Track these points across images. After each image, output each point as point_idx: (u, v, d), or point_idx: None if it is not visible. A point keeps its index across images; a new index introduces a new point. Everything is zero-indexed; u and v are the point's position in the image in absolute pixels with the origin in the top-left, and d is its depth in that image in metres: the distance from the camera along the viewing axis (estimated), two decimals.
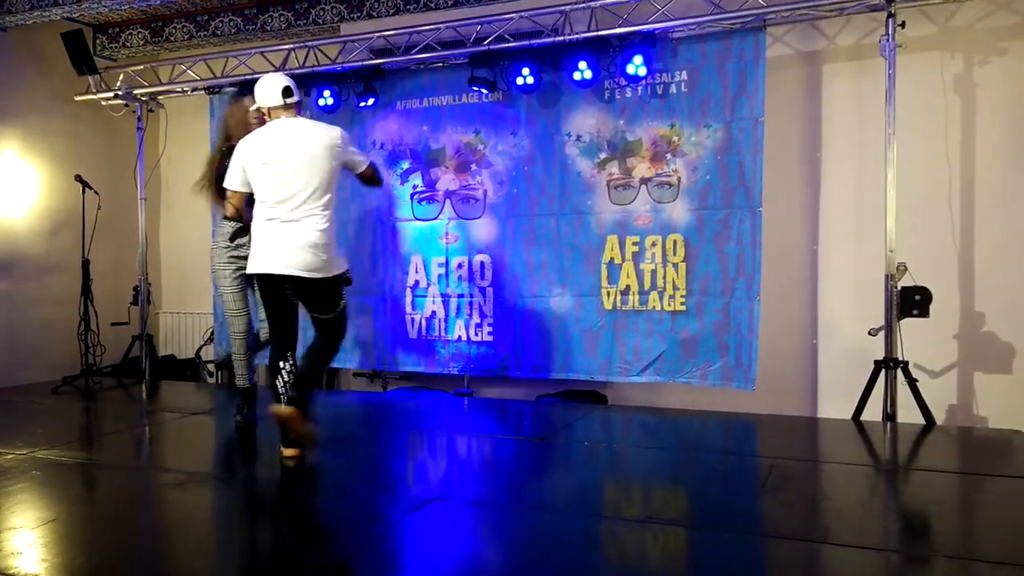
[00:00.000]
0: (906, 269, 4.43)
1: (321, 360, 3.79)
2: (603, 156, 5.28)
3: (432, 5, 5.74)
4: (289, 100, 3.59)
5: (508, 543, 2.76)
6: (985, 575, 2.39)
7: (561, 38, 5.13)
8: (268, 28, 6.30)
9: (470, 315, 5.66)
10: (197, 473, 3.52)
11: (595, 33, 5.06)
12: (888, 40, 4.46)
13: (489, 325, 5.61)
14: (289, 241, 3.45)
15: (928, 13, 4.87)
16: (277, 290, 3.53)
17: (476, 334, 5.65)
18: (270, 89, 3.60)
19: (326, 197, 3.51)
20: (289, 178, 3.45)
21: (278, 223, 3.48)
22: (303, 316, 3.66)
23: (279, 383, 3.51)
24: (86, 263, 5.98)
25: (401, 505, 3.12)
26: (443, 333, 5.74)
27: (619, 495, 3.37)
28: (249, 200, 3.65)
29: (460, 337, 5.70)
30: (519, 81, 5.24)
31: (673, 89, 5.10)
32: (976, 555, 2.59)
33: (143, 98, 6.47)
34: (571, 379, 5.45)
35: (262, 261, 3.48)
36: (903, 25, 4.48)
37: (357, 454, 4.00)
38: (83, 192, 5.96)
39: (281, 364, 3.53)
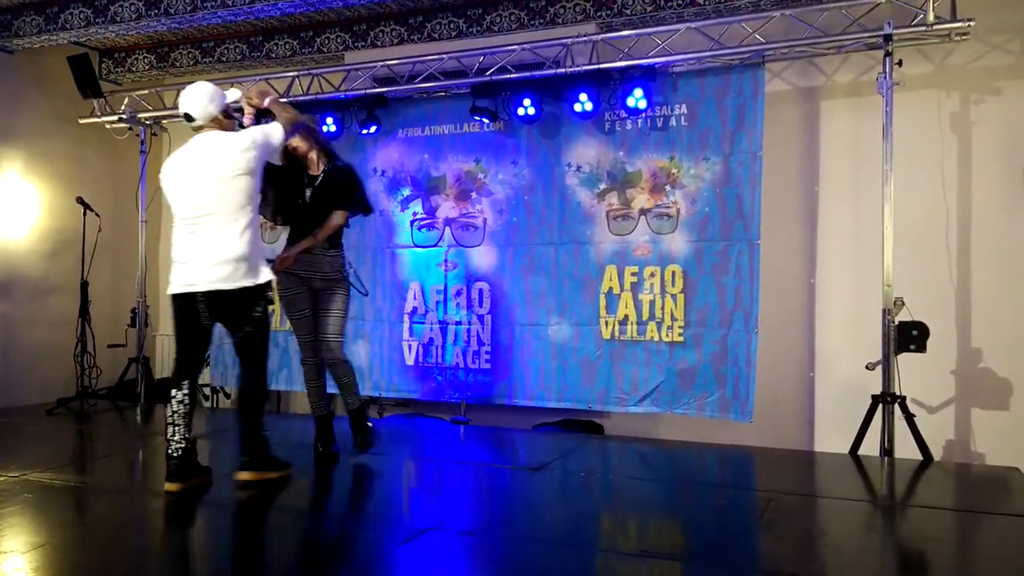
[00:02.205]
0: (903, 304, 4.44)
1: (249, 403, 3.59)
2: (603, 187, 5.32)
3: (435, 36, 5.82)
4: (190, 124, 3.53)
5: (501, 575, 2.74)
6: None
7: (562, 70, 5.19)
8: (273, 55, 6.38)
9: (468, 342, 5.66)
10: (190, 498, 3.50)
11: (596, 66, 5.13)
12: (885, 78, 4.51)
13: (487, 353, 5.61)
14: (204, 256, 3.42)
15: (925, 52, 4.94)
16: (192, 310, 3.46)
17: (474, 361, 5.65)
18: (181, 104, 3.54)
19: (244, 203, 3.44)
20: (201, 195, 3.42)
21: (192, 239, 3.46)
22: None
23: (169, 420, 3.43)
24: (85, 285, 5.99)
25: (395, 535, 3.10)
26: (440, 360, 5.73)
27: (615, 527, 3.35)
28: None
29: (457, 364, 5.69)
30: (520, 111, 5.30)
31: (673, 122, 5.15)
32: None
33: (147, 122, 6.52)
34: (568, 408, 5.44)
35: (178, 281, 3.46)
36: (900, 63, 4.54)
37: (351, 482, 3.97)
38: (84, 214, 5.98)
39: (174, 392, 3.46)
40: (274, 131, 3.58)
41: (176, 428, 3.43)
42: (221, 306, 3.46)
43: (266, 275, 3.52)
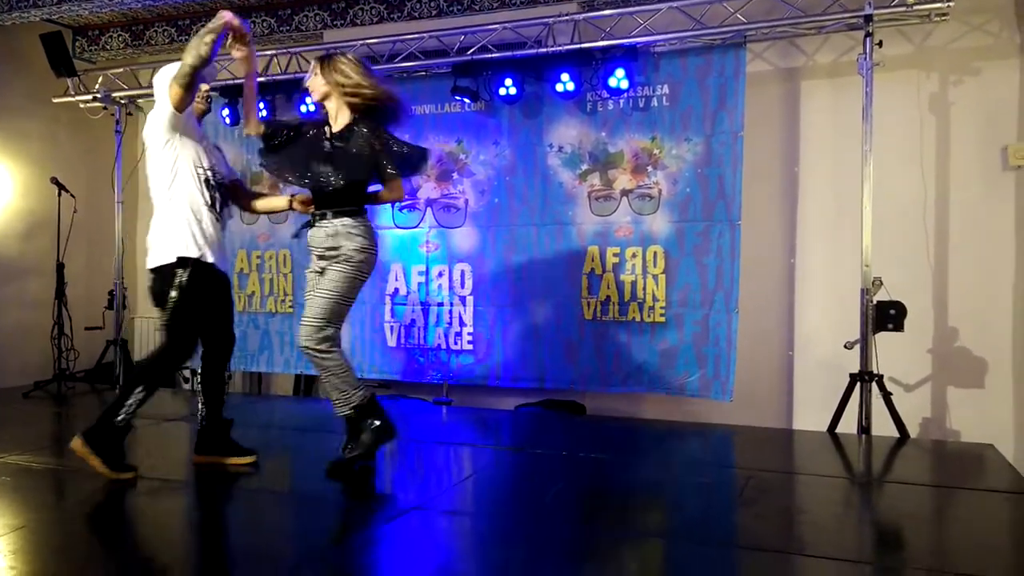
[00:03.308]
0: (881, 284, 4.48)
1: (129, 379, 3.46)
2: (585, 167, 5.31)
3: (416, 14, 5.76)
4: None
5: (485, 554, 2.75)
6: None
7: (544, 50, 5.16)
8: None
9: (450, 324, 5.65)
10: (170, 480, 3.48)
11: (578, 46, 5.10)
12: (865, 58, 4.53)
13: (469, 334, 5.61)
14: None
15: (905, 32, 4.95)
16: None
17: (456, 343, 5.64)
18: None
19: (163, 187, 3.35)
20: None
21: None
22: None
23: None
24: (61, 267, 5.91)
25: (378, 514, 3.10)
26: (422, 342, 5.73)
27: (596, 506, 3.37)
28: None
29: (439, 346, 5.69)
30: (502, 91, 5.27)
31: (655, 102, 5.14)
32: (948, 568, 2.61)
33: (122, 101, 6.42)
34: (550, 389, 5.45)
35: None
36: (880, 44, 4.56)
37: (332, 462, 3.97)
38: (59, 195, 5.89)
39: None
40: (158, 109, 3.32)
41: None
42: (152, 287, 3.40)
43: (180, 253, 3.30)
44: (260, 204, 3.81)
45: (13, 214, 6.46)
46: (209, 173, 3.42)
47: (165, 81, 3.39)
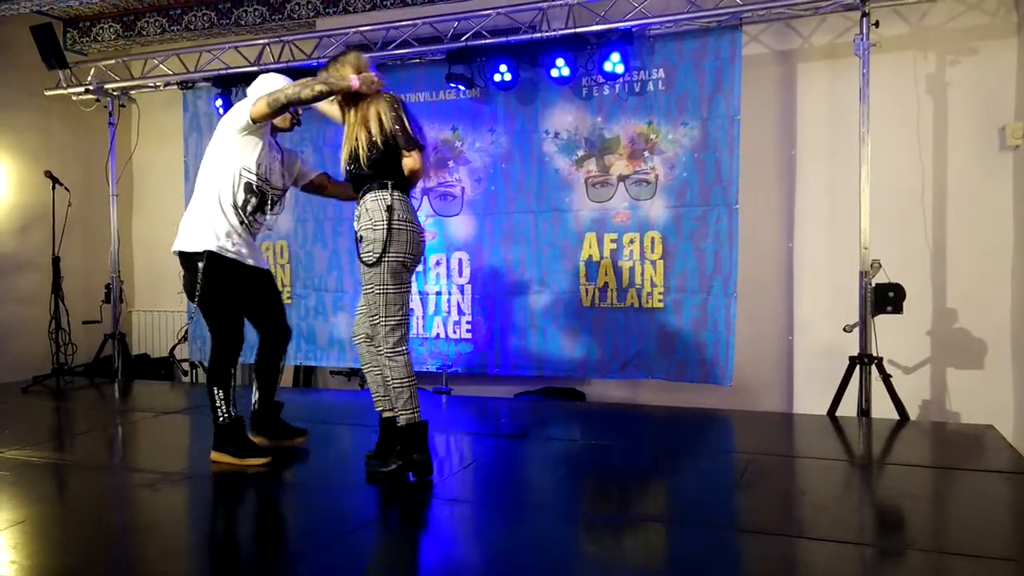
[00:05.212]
0: (880, 266, 4.47)
1: (206, 381, 3.55)
2: (581, 153, 5.28)
3: (409, 1, 5.71)
4: None
5: (485, 541, 2.75)
6: (958, 568, 2.42)
7: (539, 35, 5.12)
8: (242, 22, 6.23)
9: (448, 312, 5.64)
10: (170, 473, 3.48)
11: (572, 30, 5.06)
12: (862, 39, 4.50)
13: (467, 323, 5.60)
14: None
15: (901, 13, 4.92)
16: None
17: (454, 331, 5.63)
18: None
19: (204, 174, 3.49)
20: None
21: None
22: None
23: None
24: (56, 261, 5.89)
25: (378, 503, 3.10)
26: (421, 331, 5.71)
27: (596, 492, 3.37)
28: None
29: (438, 335, 5.68)
30: (497, 78, 5.23)
31: (650, 87, 5.11)
32: (949, 548, 2.62)
33: (115, 93, 6.37)
34: (549, 376, 5.45)
35: None
36: (877, 24, 4.53)
37: (333, 452, 3.97)
38: (53, 188, 5.86)
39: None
40: (243, 106, 3.43)
41: None
42: (181, 273, 3.50)
43: (200, 244, 3.40)
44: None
45: (8, 209, 6.42)
46: (254, 178, 3.48)
47: (261, 90, 3.51)
